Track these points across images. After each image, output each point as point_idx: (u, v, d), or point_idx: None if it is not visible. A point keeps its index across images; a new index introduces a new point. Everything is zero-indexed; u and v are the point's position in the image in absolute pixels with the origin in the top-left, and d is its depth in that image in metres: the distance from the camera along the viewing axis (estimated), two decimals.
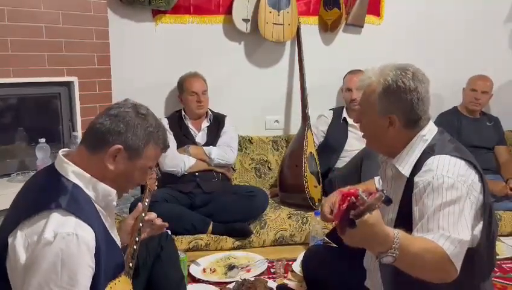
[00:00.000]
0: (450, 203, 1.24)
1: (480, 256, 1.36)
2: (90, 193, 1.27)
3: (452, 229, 1.20)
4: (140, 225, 1.59)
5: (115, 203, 1.35)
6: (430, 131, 1.44)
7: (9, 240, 1.15)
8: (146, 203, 1.68)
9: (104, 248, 1.21)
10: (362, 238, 1.07)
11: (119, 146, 1.26)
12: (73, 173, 1.25)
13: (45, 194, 1.21)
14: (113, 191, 1.31)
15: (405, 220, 1.23)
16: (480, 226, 1.35)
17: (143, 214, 1.62)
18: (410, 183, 1.37)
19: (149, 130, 1.30)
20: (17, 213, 1.23)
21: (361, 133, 1.56)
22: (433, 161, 1.33)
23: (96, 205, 1.28)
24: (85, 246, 1.13)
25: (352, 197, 0.97)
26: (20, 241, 1.14)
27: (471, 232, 1.27)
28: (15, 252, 1.14)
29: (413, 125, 1.42)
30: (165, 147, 1.38)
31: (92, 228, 1.17)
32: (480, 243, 1.35)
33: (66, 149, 1.35)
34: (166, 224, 1.72)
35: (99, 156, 1.27)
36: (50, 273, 1.10)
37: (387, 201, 1.05)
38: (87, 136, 1.31)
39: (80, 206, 1.20)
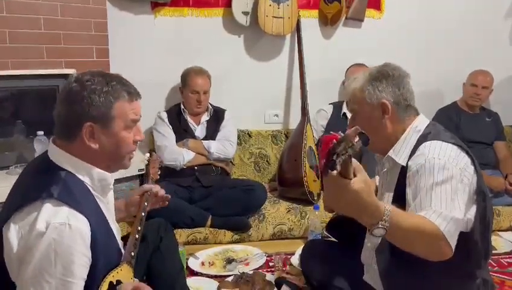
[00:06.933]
0: (442, 183, 1.27)
1: (474, 241, 1.38)
2: (85, 179, 1.25)
3: (444, 206, 1.22)
4: (143, 214, 1.58)
5: (111, 186, 1.33)
6: (421, 122, 1.50)
7: (4, 230, 1.16)
8: (149, 194, 1.68)
9: (102, 238, 1.20)
10: (348, 204, 1.07)
11: (88, 123, 1.22)
12: (65, 160, 1.24)
13: (37, 184, 1.20)
14: (109, 175, 1.30)
15: (400, 205, 1.24)
16: (474, 209, 1.37)
17: (145, 203, 1.62)
18: (404, 169, 1.42)
19: (104, 91, 1.24)
20: (11, 204, 1.22)
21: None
22: (425, 146, 1.38)
23: (93, 192, 1.27)
24: (79, 236, 1.12)
25: (334, 140, 1.01)
26: (13, 233, 1.14)
27: (465, 215, 1.30)
28: (9, 243, 1.14)
29: (404, 109, 1.48)
30: (132, 93, 1.29)
31: (86, 217, 1.16)
32: (474, 228, 1.37)
33: None
34: (169, 196, 1.75)
35: (78, 143, 1.24)
36: (44, 264, 1.10)
37: (365, 140, 1.03)
38: (57, 130, 1.27)
39: (74, 196, 1.18)
